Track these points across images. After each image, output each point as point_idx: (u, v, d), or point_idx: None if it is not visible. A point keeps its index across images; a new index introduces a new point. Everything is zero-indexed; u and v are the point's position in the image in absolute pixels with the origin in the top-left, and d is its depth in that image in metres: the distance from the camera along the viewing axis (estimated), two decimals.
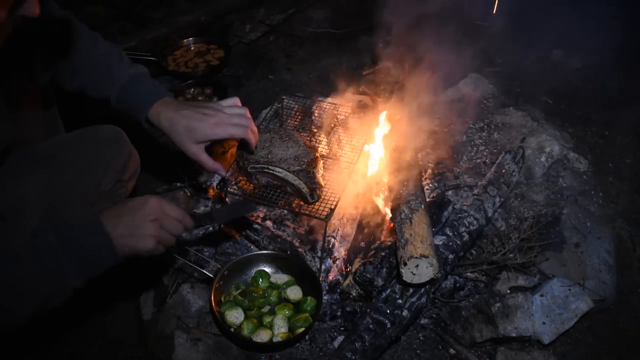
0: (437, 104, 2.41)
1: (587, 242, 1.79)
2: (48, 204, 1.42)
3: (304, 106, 2.03)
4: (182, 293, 1.72)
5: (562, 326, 1.59)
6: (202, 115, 1.41)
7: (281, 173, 1.57)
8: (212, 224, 1.63)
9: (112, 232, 1.15)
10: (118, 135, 1.68)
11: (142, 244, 1.18)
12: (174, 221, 1.26)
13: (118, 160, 1.62)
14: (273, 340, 1.54)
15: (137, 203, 1.21)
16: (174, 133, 1.42)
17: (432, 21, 2.91)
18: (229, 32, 3.33)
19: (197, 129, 1.40)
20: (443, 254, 1.62)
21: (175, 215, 1.26)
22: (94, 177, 1.55)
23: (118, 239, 1.15)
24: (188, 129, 1.40)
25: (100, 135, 1.64)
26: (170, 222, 1.24)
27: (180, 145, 1.44)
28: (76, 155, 1.55)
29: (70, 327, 1.85)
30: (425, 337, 1.65)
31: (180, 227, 1.28)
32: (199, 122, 1.40)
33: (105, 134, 1.65)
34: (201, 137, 1.41)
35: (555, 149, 2.11)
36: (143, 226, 1.18)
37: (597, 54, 2.82)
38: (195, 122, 1.40)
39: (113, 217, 1.17)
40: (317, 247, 1.79)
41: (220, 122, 1.42)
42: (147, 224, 1.19)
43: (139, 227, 1.18)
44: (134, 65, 1.54)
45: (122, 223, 1.17)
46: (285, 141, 1.67)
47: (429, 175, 2.05)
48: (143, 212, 1.19)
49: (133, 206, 1.20)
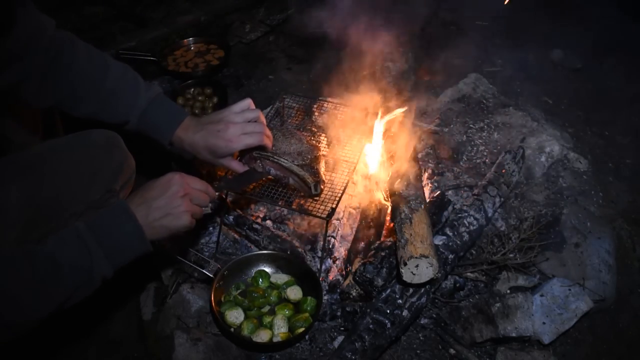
0: (437, 104, 2.41)
1: (587, 242, 1.79)
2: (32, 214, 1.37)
3: (305, 106, 2.03)
4: (182, 293, 1.72)
5: (562, 326, 1.59)
6: (217, 132, 1.45)
7: (286, 163, 1.59)
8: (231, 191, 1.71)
9: (144, 220, 1.17)
10: (111, 141, 1.62)
11: (178, 222, 1.22)
12: (200, 193, 1.29)
13: (108, 168, 1.57)
14: (273, 340, 1.54)
15: (163, 183, 1.23)
16: (199, 154, 1.50)
17: (431, 21, 2.92)
18: (229, 32, 3.33)
19: (216, 147, 1.46)
20: (443, 254, 1.62)
21: (200, 187, 1.30)
22: (81, 186, 1.50)
23: (151, 224, 1.18)
24: (208, 150, 1.47)
25: (90, 142, 1.58)
26: (198, 194, 1.28)
27: (208, 160, 1.51)
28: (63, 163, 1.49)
29: (71, 326, 1.85)
30: (425, 337, 1.65)
31: (207, 198, 1.32)
32: (216, 139, 1.45)
33: (97, 140, 1.59)
34: (222, 154, 1.48)
35: (555, 149, 2.11)
36: (176, 205, 1.21)
37: (597, 54, 2.83)
38: (213, 141, 1.46)
39: (141, 204, 1.19)
40: (317, 247, 1.79)
41: (233, 136, 1.46)
42: (178, 201, 1.21)
43: (173, 207, 1.20)
44: (149, 86, 1.53)
45: (153, 208, 1.19)
46: (288, 138, 1.69)
47: (429, 175, 2.05)
48: (172, 190, 1.22)
49: (160, 188, 1.22)
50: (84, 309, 1.90)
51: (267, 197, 1.64)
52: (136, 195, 1.23)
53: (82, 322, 1.86)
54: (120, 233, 1.16)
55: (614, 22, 3.02)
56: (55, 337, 1.82)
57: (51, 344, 1.81)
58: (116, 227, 1.16)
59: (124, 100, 1.49)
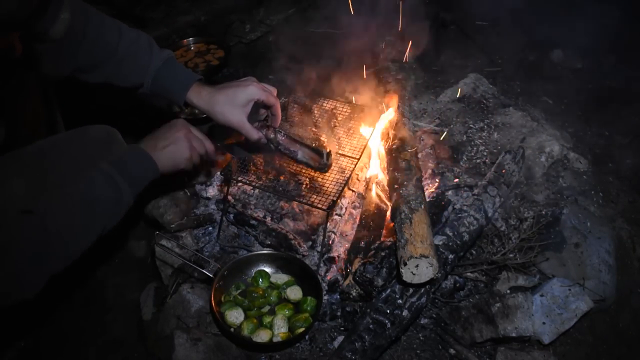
0: (437, 104, 2.41)
1: (587, 242, 1.79)
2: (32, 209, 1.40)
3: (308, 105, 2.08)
4: (182, 293, 1.72)
5: (562, 326, 1.59)
6: (237, 84, 1.57)
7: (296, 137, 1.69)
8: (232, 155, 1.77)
9: (152, 150, 1.39)
10: (110, 137, 1.69)
11: (180, 153, 1.43)
12: (199, 139, 1.49)
13: None
14: (273, 340, 1.54)
15: (168, 125, 1.46)
16: (217, 105, 1.55)
17: (432, 20, 2.92)
18: (229, 32, 3.33)
19: (236, 94, 1.54)
20: (443, 254, 1.62)
21: (199, 135, 1.50)
22: None
23: (159, 155, 1.40)
24: (228, 97, 1.55)
25: (90, 138, 1.65)
26: (196, 139, 1.48)
27: (224, 116, 1.55)
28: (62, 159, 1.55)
29: (71, 326, 1.85)
30: (425, 337, 1.65)
31: (203, 147, 1.50)
32: (236, 88, 1.55)
33: (96, 136, 1.67)
34: (241, 100, 1.54)
35: (555, 149, 2.10)
36: (179, 138, 1.43)
37: (597, 54, 2.83)
38: (232, 89, 1.55)
39: (150, 140, 1.43)
40: (317, 242, 1.80)
41: (253, 84, 1.57)
42: (180, 134, 1.44)
43: (176, 139, 1.43)
44: (163, 50, 1.60)
45: (160, 139, 1.42)
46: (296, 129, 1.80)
47: (429, 175, 2.05)
48: (175, 127, 1.45)
49: (165, 127, 1.46)
50: (84, 308, 1.91)
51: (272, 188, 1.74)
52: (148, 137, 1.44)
53: (82, 322, 1.86)
54: (138, 167, 1.38)
55: (614, 22, 3.02)
56: (55, 337, 1.82)
57: (51, 343, 1.81)
58: (134, 163, 1.38)
59: (138, 63, 1.55)
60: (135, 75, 1.56)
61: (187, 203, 2.00)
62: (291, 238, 1.79)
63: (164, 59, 1.57)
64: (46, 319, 1.86)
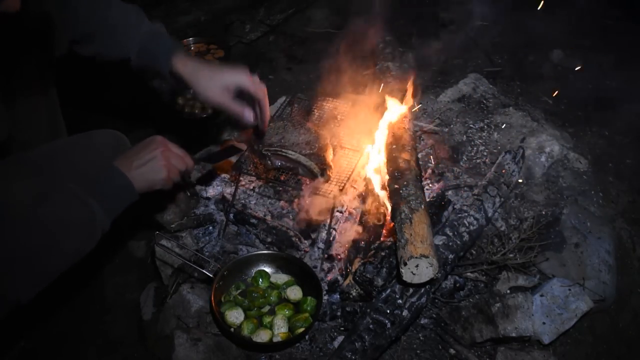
0: (437, 104, 2.41)
1: (587, 242, 1.79)
2: None
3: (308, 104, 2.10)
4: (182, 293, 1.72)
5: (562, 326, 1.59)
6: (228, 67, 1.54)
7: (293, 155, 1.70)
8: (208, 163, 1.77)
9: (128, 172, 1.28)
10: (118, 142, 1.67)
11: (156, 174, 1.32)
12: (179, 156, 1.39)
13: None
14: (273, 340, 1.54)
15: (144, 142, 1.35)
16: (202, 78, 1.50)
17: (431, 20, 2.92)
18: (229, 32, 3.33)
19: (224, 74, 1.51)
20: (443, 254, 1.62)
21: (178, 152, 1.40)
22: None
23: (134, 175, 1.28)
24: (215, 74, 1.50)
25: (97, 142, 1.63)
26: (176, 157, 1.38)
27: (206, 91, 1.51)
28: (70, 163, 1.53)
29: (70, 326, 1.85)
30: (425, 337, 1.65)
31: (184, 163, 1.40)
32: (225, 69, 1.52)
33: (103, 140, 1.65)
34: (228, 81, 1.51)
35: (555, 149, 2.10)
36: (155, 157, 1.32)
37: (597, 54, 2.83)
38: (221, 68, 1.52)
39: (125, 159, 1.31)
40: (318, 239, 1.81)
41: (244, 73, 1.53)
42: (157, 153, 1.32)
43: (151, 159, 1.31)
44: (153, 22, 1.58)
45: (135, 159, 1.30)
46: (297, 128, 1.78)
47: (429, 175, 2.05)
48: (152, 146, 1.33)
49: (142, 145, 1.34)
50: (84, 308, 1.91)
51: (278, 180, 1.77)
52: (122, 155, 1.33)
53: (82, 322, 1.86)
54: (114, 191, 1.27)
55: (614, 22, 3.02)
56: (55, 337, 1.82)
57: (51, 343, 1.81)
58: (110, 186, 1.26)
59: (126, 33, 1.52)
60: (123, 45, 1.52)
61: (187, 203, 2.00)
62: (292, 235, 1.80)
63: (153, 30, 1.54)
64: (46, 319, 1.86)
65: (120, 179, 1.27)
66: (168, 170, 1.34)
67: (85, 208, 1.20)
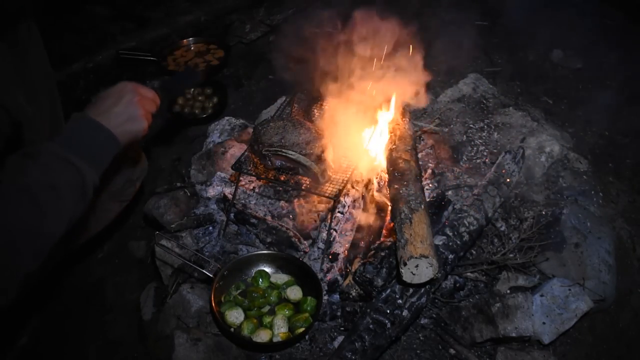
0: (437, 104, 2.41)
1: (587, 242, 1.79)
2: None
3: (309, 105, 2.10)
4: (182, 293, 1.72)
5: (562, 326, 1.59)
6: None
7: (293, 155, 1.70)
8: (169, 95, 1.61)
9: (109, 125, 1.24)
10: None
11: (137, 126, 1.30)
12: (150, 100, 1.36)
13: (128, 160, 1.67)
14: (273, 340, 1.54)
15: (116, 92, 1.29)
16: None
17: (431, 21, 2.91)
18: (229, 32, 3.33)
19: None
20: (443, 254, 1.62)
21: (149, 94, 1.36)
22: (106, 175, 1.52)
23: (116, 130, 1.25)
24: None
25: None
26: (148, 101, 1.35)
27: None
28: None
29: (71, 326, 1.85)
30: (425, 337, 1.65)
31: (155, 105, 1.38)
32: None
33: None
34: None
35: (555, 149, 2.10)
36: (134, 110, 1.29)
37: (597, 54, 2.82)
38: None
39: (102, 113, 1.25)
40: (318, 239, 1.81)
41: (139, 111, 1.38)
42: (135, 106, 1.29)
43: (132, 113, 1.28)
44: None
45: (114, 115, 1.25)
46: (297, 128, 1.78)
47: (429, 175, 2.05)
48: (127, 98, 1.29)
49: (115, 96, 1.28)
50: (83, 308, 1.91)
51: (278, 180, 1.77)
52: (93, 106, 1.26)
53: (81, 322, 1.86)
54: (96, 143, 1.23)
55: (614, 22, 3.02)
56: (55, 337, 1.82)
57: (51, 343, 1.81)
58: (90, 139, 1.22)
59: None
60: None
61: (187, 203, 2.01)
62: (292, 235, 1.80)
63: None
64: (46, 319, 1.86)
65: (103, 133, 1.24)
66: (146, 119, 1.33)
67: (73, 168, 1.18)
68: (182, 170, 2.27)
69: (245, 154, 1.84)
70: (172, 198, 1.99)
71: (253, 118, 2.49)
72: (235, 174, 1.97)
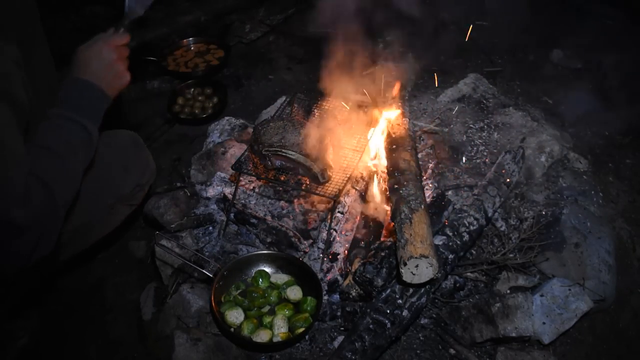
0: (437, 104, 2.41)
1: (587, 242, 1.79)
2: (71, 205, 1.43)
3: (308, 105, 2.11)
4: (182, 293, 1.72)
5: (562, 326, 1.59)
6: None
7: (293, 155, 1.70)
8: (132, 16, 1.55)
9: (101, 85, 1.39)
10: (136, 141, 1.77)
11: (123, 80, 1.44)
12: (125, 48, 1.46)
13: (137, 165, 1.73)
14: (273, 340, 1.54)
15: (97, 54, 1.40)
16: None
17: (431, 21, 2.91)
18: (229, 32, 3.33)
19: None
20: (443, 254, 1.62)
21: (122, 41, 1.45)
22: (114, 181, 1.65)
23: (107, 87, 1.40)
24: None
25: (119, 141, 1.72)
26: (124, 52, 1.45)
27: None
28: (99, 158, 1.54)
29: (71, 326, 1.85)
30: (425, 337, 1.65)
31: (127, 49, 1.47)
32: None
33: (123, 140, 1.74)
34: None
35: (555, 149, 2.10)
36: (118, 69, 1.42)
37: (597, 54, 2.82)
38: None
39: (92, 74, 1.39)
40: (319, 239, 1.81)
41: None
42: (118, 64, 1.42)
43: (116, 71, 1.42)
44: None
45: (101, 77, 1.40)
46: (297, 128, 1.78)
47: (429, 175, 2.05)
48: (109, 58, 1.41)
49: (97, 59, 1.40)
50: (83, 308, 1.91)
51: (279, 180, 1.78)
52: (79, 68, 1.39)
53: (82, 322, 1.86)
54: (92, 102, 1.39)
55: (614, 22, 3.02)
56: (55, 337, 1.82)
57: (51, 343, 1.81)
58: (88, 99, 1.39)
59: None
60: None
61: (187, 203, 2.00)
62: (292, 235, 1.80)
63: None
64: (47, 318, 1.86)
65: (97, 92, 1.39)
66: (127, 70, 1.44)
67: (79, 126, 1.35)
68: (182, 170, 2.27)
69: (245, 154, 1.84)
70: (172, 198, 1.99)
71: (253, 118, 2.49)
72: (235, 174, 1.97)
